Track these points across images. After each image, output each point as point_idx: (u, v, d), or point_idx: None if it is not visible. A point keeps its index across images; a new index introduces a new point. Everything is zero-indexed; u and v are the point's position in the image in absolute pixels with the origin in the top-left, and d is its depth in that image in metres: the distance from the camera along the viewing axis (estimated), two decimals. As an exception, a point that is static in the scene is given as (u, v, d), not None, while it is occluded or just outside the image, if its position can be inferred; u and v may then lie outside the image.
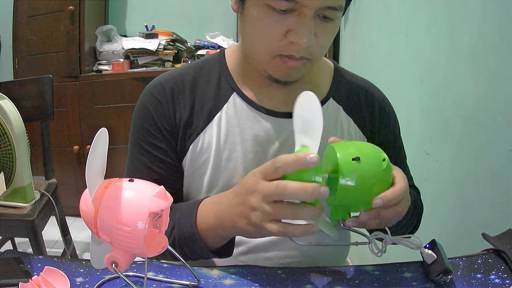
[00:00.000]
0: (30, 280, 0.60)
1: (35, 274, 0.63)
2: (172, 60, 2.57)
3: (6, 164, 1.44)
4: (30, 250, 1.63)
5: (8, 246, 1.87)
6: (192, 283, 0.64)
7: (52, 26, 2.39)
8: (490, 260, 0.70)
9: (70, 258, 1.48)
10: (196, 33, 2.76)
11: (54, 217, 1.73)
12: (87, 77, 2.46)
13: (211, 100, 0.79)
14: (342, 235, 0.87)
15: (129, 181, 0.55)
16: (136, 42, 2.55)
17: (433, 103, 1.25)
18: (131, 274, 0.66)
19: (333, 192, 0.59)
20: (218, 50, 0.85)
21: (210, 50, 2.58)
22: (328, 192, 0.55)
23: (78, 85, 2.45)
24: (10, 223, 1.50)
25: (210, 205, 0.70)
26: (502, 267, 0.68)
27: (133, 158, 0.81)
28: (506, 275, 0.66)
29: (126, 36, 2.74)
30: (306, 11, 0.64)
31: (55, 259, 0.69)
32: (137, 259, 0.61)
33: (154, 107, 0.78)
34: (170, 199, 0.55)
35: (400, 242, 0.64)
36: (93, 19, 2.53)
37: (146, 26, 2.73)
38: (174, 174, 0.80)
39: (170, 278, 0.65)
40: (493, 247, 0.72)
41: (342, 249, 0.89)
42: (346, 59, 2.11)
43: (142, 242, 0.52)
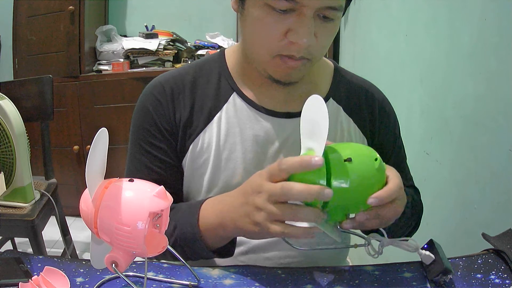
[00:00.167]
0: (30, 280, 0.60)
1: (35, 274, 0.63)
2: (172, 60, 2.56)
3: (6, 164, 1.44)
4: (30, 250, 1.63)
5: (8, 246, 1.87)
6: (192, 283, 0.64)
7: (52, 26, 2.39)
8: (490, 260, 0.70)
9: (70, 258, 1.48)
10: (196, 33, 2.76)
11: (54, 217, 1.73)
12: (87, 77, 2.46)
13: (211, 100, 0.79)
14: (342, 237, 0.87)
15: (129, 181, 0.55)
16: (136, 42, 2.55)
17: (433, 103, 1.25)
18: (131, 274, 0.66)
19: None
20: (218, 50, 0.85)
21: (210, 50, 2.58)
22: (332, 193, 0.56)
23: (78, 85, 2.45)
24: (10, 223, 1.50)
25: (212, 205, 0.70)
26: (502, 267, 0.68)
27: (133, 158, 0.81)
28: (506, 275, 0.66)
29: (126, 36, 2.74)
30: (306, 11, 0.64)
31: (55, 259, 0.69)
32: (137, 259, 0.61)
33: (154, 107, 0.78)
34: (170, 199, 0.55)
35: (397, 245, 0.64)
36: (93, 19, 2.53)
37: (146, 26, 2.73)
38: (174, 174, 0.80)
39: (170, 278, 0.65)
40: (493, 247, 0.72)
41: (342, 249, 0.89)
42: (346, 59, 2.11)
43: (142, 242, 0.52)
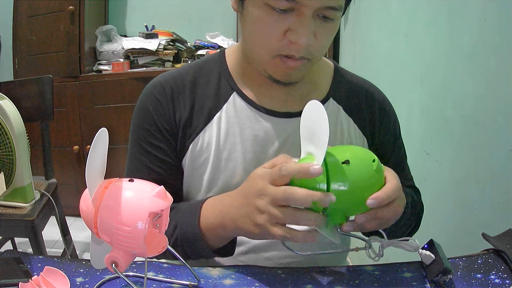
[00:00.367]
0: (30, 280, 0.60)
1: (35, 274, 0.63)
2: (172, 60, 2.56)
3: (6, 164, 1.44)
4: (30, 250, 1.63)
5: (8, 246, 1.87)
6: (192, 283, 0.64)
7: (52, 26, 2.39)
8: (490, 260, 0.70)
9: (70, 258, 1.48)
10: (196, 33, 2.76)
11: (54, 217, 1.73)
12: (87, 77, 2.46)
13: (211, 99, 0.79)
14: (342, 240, 0.87)
15: (129, 181, 0.55)
16: (136, 42, 2.55)
17: (433, 103, 1.25)
18: (131, 274, 0.66)
19: None
20: (218, 50, 0.85)
21: (210, 50, 2.58)
22: (335, 199, 0.56)
23: (78, 85, 2.45)
24: (10, 223, 1.50)
25: (212, 205, 0.71)
26: (502, 267, 0.68)
27: (133, 158, 0.81)
28: (506, 275, 0.66)
29: (126, 36, 2.74)
30: (306, 11, 0.64)
31: (55, 259, 0.69)
32: (137, 259, 0.61)
33: (154, 107, 0.78)
34: (170, 199, 0.55)
35: (397, 246, 0.64)
36: (93, 19, 2.53)
37: (146, 26, 2.73)
38: (174, 174, 0.80)
39: (170, 278, 0.65)
40: (493, 247, 0.72)
41: (341, 247, 0.89)
42: (346, 59, 2.11)
43: (142, 242, 0.52)
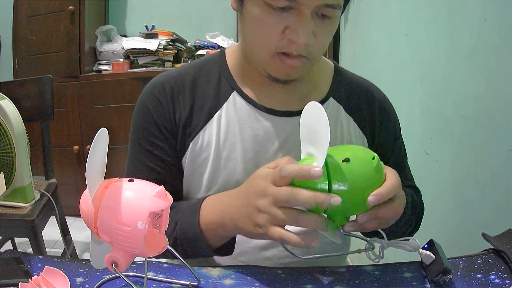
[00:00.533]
0: (30, 280, 0.60)
1: (35, 274, 0.63)
2: (172, 60, 2.56)
3: (6, 164, 1.44)
4: (30, 250, 1.63)
5: (8, 246, 1.87)
6: (192, 283, 0.64)
7: (52, 26, 2.39)
8: (490, 260, 0.70)
9: (70, 258, 1.48)
10: (196, 33, 2.75)
11: (54, 217, 1.73)
12: (87, 77, 2.46)
13: (211, 99, 0.79)
14: (342, 240, 0.87)
15: (129, 181, 0.55)
16: (136, 42, 2.55)
17: (433, 103, 1.25)
18: (131, 274, 0.66)
19: None
20: (218, 50, 0.85)
21: (210, 50, 2.58)
22: (340, 201, 0.56)
23: (78, 85, 2.45)
24: (10, 223, 1.50)
25: (212, 205, 0.71)
26: (502, 267, 0.68)
27: (133, 158, 0.81)
28: (506, 275, 0.66)
29: (126, 36, 2.73)
30: (305, 9, 0.64)
31: (55, 259, 0.69)
32: (137, 259, 0.61)
33: (154, 107, 0.78)
34: (170, 199, 0.55)
35: (397, 246, 0.64)
36: (93, 19, 2.53)
37: (146, 26, 2.73)
38: (174, 173, 0.80)
39: (170, 278, 0.65)
40: (493, 247, 0.72)
41: (342, 249, 0.89)
42: (346, 59, 2.11)
43: (142, 242, 0.52)
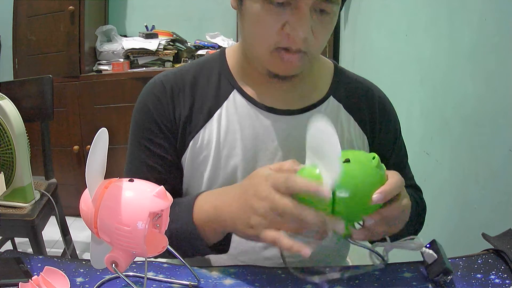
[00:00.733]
0: (30, 280, 0.60)
1: (35, 274, 0.63)
2: (172, 60, 2.56)
3: (6, 164, 1.44)
4: (30, 250, 1.63)
5: (8, 246, 1.87)
6: (192, 283, 0.64)
7: (52, 26, 2.39)
8: (490, 260, 0.70)
9: (70, 258, 1.48)
10: (196, 33, 2.76)
11: (54, 217, 1.73)
12: (87, 77, 2.46)
13: (211, 97, 0.79)
14: (343, 244, 0.87)
15: (129, 181, 0.55)
16: (136, 42, 2.55)
17: (433, 103, 1.25)
18: (131, 274, 0.66)
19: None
20: (219, 50, 0.85)
21: (210, 50, 2.58)
22: (343, 228, 0.56)
23: (78, 85, 2.45)
24: (10, 223, 1.50)
25: (206, 200, 0.70)
26: (502, 267, 0.68)
27: (132, 157, 0.81)
28: (506, 275, 0.66)
29: (126, 36, 2.73)
30: (303, 5, 0.65)
31: (55, 259, 0.69)
32: (137, 259, 0.61)
33: (154, 105, 0.78)
34: (170, 199, 0.55)
35: (401, 246, 0.64)
36: (93, 19, 2.53)
37: (146, 26, 2.73)
38: (173, 171, 0.80)
39: (170, 278, 0.65)
40: (493, 247, 0.72)
41: (342, 249, 0.89)
42: (346, 59, 2.11)
43: (142, 242, 0.52)
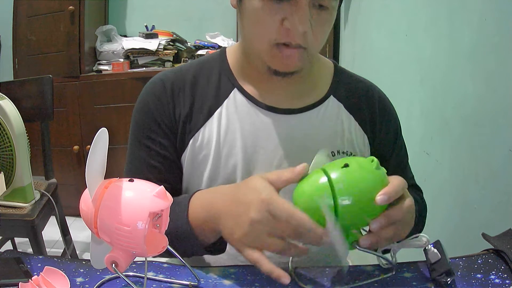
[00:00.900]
0: (30, 280, 0.60)
1: (35, 274, 0.63)
2: (172, 60, 2.56)
3: (6, 164, 1.44)
4: (30, 250, 1.63)
5: (8, 246, 1.87)
6: (192, 283, 0.64)
7: (52, 26, 2.39)
8: (490, 260, 0.70)
9: (70, 258, 1.48)
10: (196, 33, 2.76)
11: (54, 217, 1.73)
12: (87, 77, 2.46)
13: (212, 96, 0.79)
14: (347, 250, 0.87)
15: (129, 181, 0.55)
16: (136, 42, 2.55)
17: (433, 103, 1.25)
18: (131, 274, 0.66)
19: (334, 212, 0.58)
20: (219, 49, 0.85)
21: (210, 50, 2.58)
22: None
23: (78, 85, 2.45)
24: (10, 223, 1.50)
25: (202, 199, 0.70)
26: (502, 267, 0.68)
27: (132, 157, 0.81)
28: (506, 275, 0.66)
29: (126, 36, 2.73)
30: None
31: (55, 259, 0.69)
32: (137, 259, 0.61)
33: (155, 104, 0.78)
34: (170, 199, 0.55)
35: (408, 246, 0.64)
36: (93, 19, 2.53)
37: (146, 26, 2.73)
38: (173, 170, 0.80)
39: (170, 278, 0.65)
40: (493, 247, 0.72)
41: (341, 249, 0.89)
42: (346, 59, 2.11)
43: (142, 242, 0.52)
